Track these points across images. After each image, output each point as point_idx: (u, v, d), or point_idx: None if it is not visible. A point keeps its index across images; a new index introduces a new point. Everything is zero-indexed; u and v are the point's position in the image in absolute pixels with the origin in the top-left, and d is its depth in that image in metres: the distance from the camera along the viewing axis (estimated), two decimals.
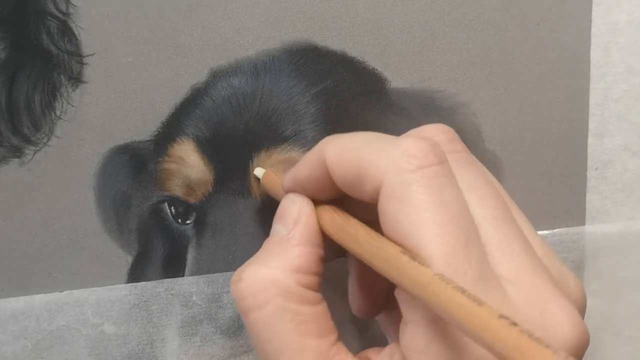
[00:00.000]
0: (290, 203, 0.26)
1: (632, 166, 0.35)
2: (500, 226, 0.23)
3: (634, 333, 0.36)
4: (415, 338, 0.22)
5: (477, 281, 0.21)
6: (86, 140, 0.30)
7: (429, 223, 0.22)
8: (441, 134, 0.25)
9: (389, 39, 0.32)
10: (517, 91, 0.34)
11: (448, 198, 0.22)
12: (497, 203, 0.24)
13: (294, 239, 0.25)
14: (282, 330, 0.23)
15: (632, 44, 0.34)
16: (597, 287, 0.36)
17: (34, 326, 0.30)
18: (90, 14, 0.29)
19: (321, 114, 0.31)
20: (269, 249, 0.25)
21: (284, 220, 0.26)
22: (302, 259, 0.25)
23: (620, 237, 0.36)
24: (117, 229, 0.31)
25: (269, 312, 0.24)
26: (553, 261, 0.24)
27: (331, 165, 0.24)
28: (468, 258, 0.21)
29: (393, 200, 0.22)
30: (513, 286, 0.22)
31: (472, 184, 0.24)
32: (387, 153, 0.23)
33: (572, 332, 0.22)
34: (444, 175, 0.22)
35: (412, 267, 0.21)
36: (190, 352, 0.31)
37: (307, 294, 0.24)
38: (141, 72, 0.30)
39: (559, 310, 0.22)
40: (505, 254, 0.22)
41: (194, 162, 0.31)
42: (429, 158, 0.22)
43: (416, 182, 0.22)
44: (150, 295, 0.31)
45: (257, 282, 0.24)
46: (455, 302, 0.19)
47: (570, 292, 0.24)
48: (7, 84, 0.29)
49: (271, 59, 0.31)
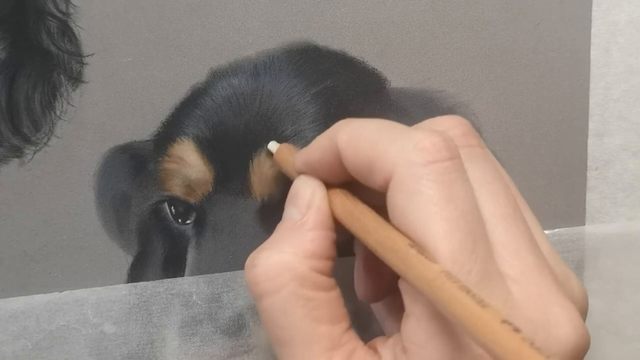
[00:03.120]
0: (303, 186, 0.26)
1: (632, 166, 0.35)
2: (509, 224, 0.23)
3: (634, 333, 0.36)
4: (417, 332, 0.22)
5: (482, 279, 0.21)
6: (86, 140, 0.30)
7: (437, 218, 0.21)
8: (456, 127, 0.25)
9: (389, 39, 0.32)
10: (517, 91, 0.34)
11: (458, 194, 0.22)
12: (507, 200, 0.23)
13: (308, 223, 0.25)
14: (295, 316, 0.23)
15: (632, 44, 0.34)
16: (597, 287, 0.36)
17: (34, 326, 0.30)
18: (90, 14, 0.29)
19: (321, 114, 0.31)
20: (282, 233, 0.25)
21: (297, 204, 0.26)
22: (315, 243, 0.25)
23: (620, 237, 0.36)
24: (117, 229, 0.31)
25: (282, 297, 0.24)
26: (557, 262, 0.24)
27: (343, 151, 0.24)
28: (474, 255, 0.21)
29: (402, 192, 0.22)
30: (517, 285, 0.22)
31: (483, 179, 0.24)
32: (400, 145, 0.23)
33: (574, 334, 0.22)
34: (455, 171, 0.22)
35: (419, 261, 0.21)
36: (190, 352, 0.31)
37: (320, 279, 0.24)
38: (141, 72, 0.30)
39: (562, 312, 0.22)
40: (511, 252, 0.22)
41: (194, 162, 0.31)
42: (442, 153, 0.22)
43: (426, 177, 0.22)
44: (150, 295, 0.31)
45: (272, 267, 0.24)
46: (459, 302, 0.19)
47: (573, 293, 0.24)
48: (7, 84, 0.29)
49: (271, 59, 0.31)
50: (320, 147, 0.25)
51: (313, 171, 0.26)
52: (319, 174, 0.26)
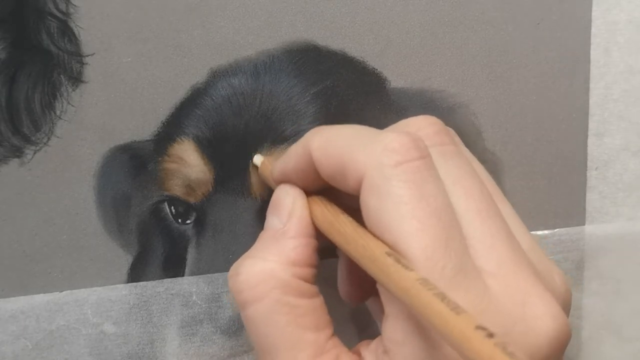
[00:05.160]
0: (284, 194, 0.26)
1: (632, 166, 0.35)
2: (483, 219, 0.23)
3: (634, 333, 0.36)
4: (395, 331, 0.22)
5: (457, 274, 0.21)
6: (86, 140, 0.30)
7: (409, 217, 0.22)
8: (427, 127, 0.25)
9: (389, 39, 0.32)
10: (517, 91, 0.34)
11: (429, 192, 0.22)
12: (481, 196, 0.24)
13: (290, 231, 0.25)
14: (279, 323, 0.24)
15: (632, 44, 0.34)
16: (597, 287, 0.36)
17: (34, 326, 0.30)
18: (90, 14, 0.29)
19: (321, 113, 0.31)
20: (264, 242, 0.26)
21: (279, 213, 0.26)
22: (298, 251, 0.25)
23: (620, 237, 0.36)
24: (117, 229, 0.31)
25: (266, 305, 0.24)
26: (539, 256, 0.24)
27: (316, 158, 0.24)
28: (448, 251, 0.21)
29: (374, 195, 0.22)
30: (494, 279, 0.22)
31: (456, 176, 0.24)
32: (370, 148, 0.23)
33: (553, 325, 0.22)
34: (426, 170, 0.22)
35: (396, 270, 0.21)
36: (190, 352, 0.31)
37: (303, 286, 0.24)
38: (141, 72, 0.30)
39: (540, 303, 0.22)
40: (486, 246, 0.22)
41: (194, 162, 0.31)
42: (410, 153, 0.22)
43: (396, 177, 0.22)
44: (150, 295, 0.31)
45: (255, 276, 0.24)
46: (433, 309, 0.19)
47: (555, 286, 0.24)
48: (7, 84, 0.29)
49: (271, 59, 0.31)
50: (294, 156, 0.26)
51: (290, 180, 0.26)
52: (295, 182, 0.26)
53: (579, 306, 0.35)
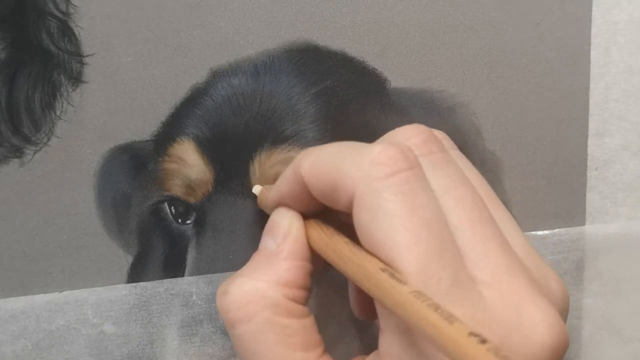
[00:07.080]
0: (281, 217, 0.26)
1: (632, 166, 0.35)
2: (476, 228, 0.23)
3: (634, 333, 0.36)
4: (391, 345, 0.22)
5: (452, 286, 0.21)
6: (86, 140, 0.30)
7: (401, 231, 0.21)
8: (415, 136, 0.25)
9: (389, 39, 0.32)
10: (517, 91, 0.34)
11: (420, 204, 0.22)
12: (473, 204, 0.23)
13: (283, 252, 0.25)
14: (269, 343, 0.23)
15: (632, 44, 0.34)
16: (597, 287, 0.36)
17: (34, 326, 0.30)
18: (90, 14, 0.29)
19: (321, 114, 0.31)
20: (257, 262, 0.25)
21: (274, 234, 0.26)
22: (290, 272, 0.25)
23: (620, 237, 0.36)
24: (117, 229, 0.31)
25: (255, 325, 0.24)
26: (535, 261, 0.24)
27: (307, 180, 0.24)
28: (442, 263, 0.21)
29: (365, 210, 0.22)
30: (488, 288, 0.22)
31: (447, 185, 0.23)
32: (358, 162, 0.23)
33: (549, 332, 0.21)
34: (415, 180, 0.22)
35: (390, 285, 0.21)
36: (190, 352, 0.31)
37: (294, 307, 0.24)
38: (141, 72, 0.30)
39: (536, 311, 0.22)
40: (480, 255, 0.22)
41: (194, 162, 0.31)
42: (399, 164, 0.22)
43: (386, 190, 0.22)
44: (150, 295, 0.31)
45: (244, 295, 0.24)
46: (428, 320, 0.19)
47: (551, 293, 0.24)
48: (7, 84, 0.29)
49: (271, 59, 0.31)
50: (286, 181, 0.26)
51: (285, 204, 0.26)
52: (291, 206, 0.26)
53: (579, 306, 0.35)
